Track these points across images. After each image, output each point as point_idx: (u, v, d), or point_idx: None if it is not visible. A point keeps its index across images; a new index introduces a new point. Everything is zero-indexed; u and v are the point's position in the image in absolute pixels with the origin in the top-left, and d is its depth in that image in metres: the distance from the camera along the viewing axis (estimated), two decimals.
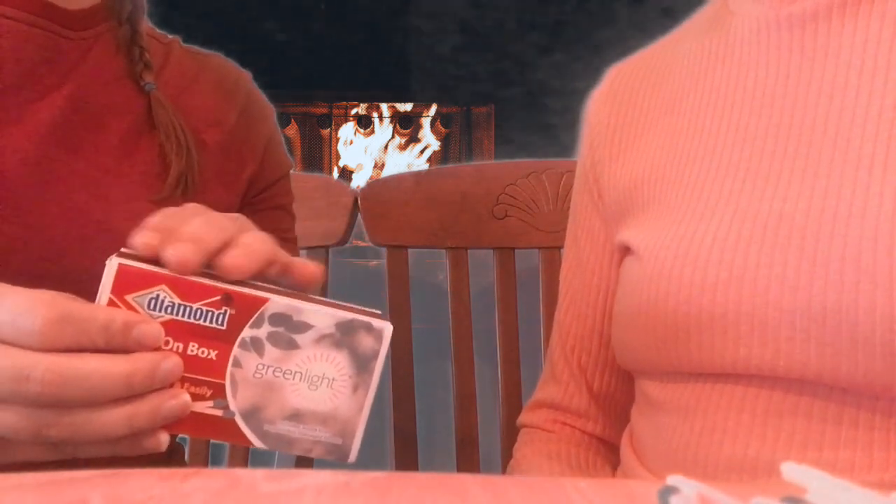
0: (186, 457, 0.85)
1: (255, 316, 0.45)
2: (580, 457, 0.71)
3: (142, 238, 0.44)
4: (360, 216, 0.98)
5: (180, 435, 0.46)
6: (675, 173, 0.62)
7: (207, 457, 0.96)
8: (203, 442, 0.95)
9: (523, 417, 0.77)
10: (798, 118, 0.56)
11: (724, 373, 0.55)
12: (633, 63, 0.73)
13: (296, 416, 0.46)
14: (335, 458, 0.48)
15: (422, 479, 0.39)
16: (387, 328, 0.46)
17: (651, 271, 0.58)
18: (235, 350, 0.45)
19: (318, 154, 4.52)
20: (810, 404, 0.52)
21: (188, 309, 0.44)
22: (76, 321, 0.41)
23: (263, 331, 0.45)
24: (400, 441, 0.95)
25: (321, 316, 0.45)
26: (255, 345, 0.45)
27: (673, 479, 0.35)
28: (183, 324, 0.44)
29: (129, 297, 0.44)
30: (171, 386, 0.44)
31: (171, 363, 0.44)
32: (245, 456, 0.98)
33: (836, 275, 0.50)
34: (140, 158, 0.67)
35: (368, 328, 0.46)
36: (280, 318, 0.45)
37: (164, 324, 0.44)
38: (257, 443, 0.47)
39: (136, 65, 0.69)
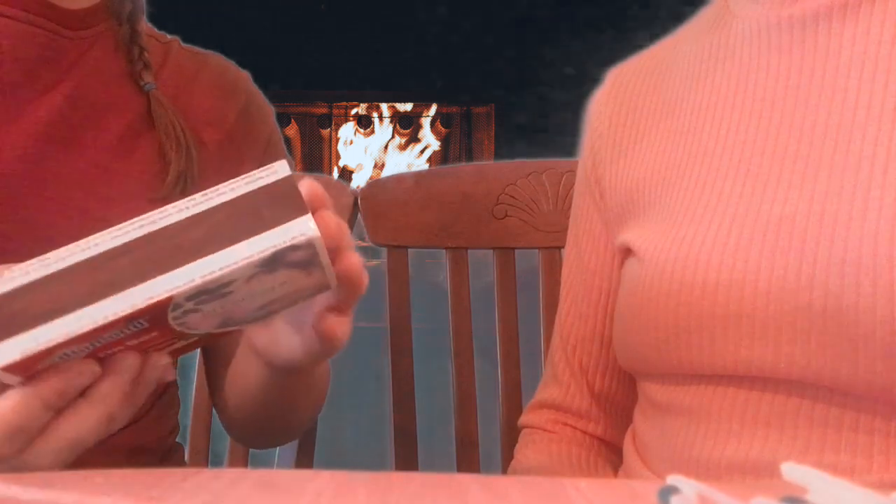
0: (186, 457, 0.85)
1: (170, 309, 0.40)
2: (581, 457, 0.71)
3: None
4: (360, 216, 0.98)
5: (181, 356, 0.46)
6: (675, 175, 0.62)
7: (207, 457, 0.96)
8: (203, 442, 0.95)
9: (524, 418, 0.77)
10: (798, 120, 0.56)
11: (726, 374, 0.55)
12: (634, 64, 0.73)
13: (265, 307, 0.45)
14: (320, 292, 0.46)
15: (422, 479, 0.39)
16: (314, 239, 0.39)
17: (652, 273, 0.58)
18: (173, 324, 0.41)
19: (318, 154, 4.52)
20: (811, 408, 0.52)
21: (100, 344, 0.40)
22: (19, 427, 0.41)
23: (189, 305, 0.40)
24: (400, 441, 0.95)
25: (240, 270, 0.39)
26: (190, 314, 0.41)
27: (673, 479, 0.35)
28: (108, 344, 0.41)
29: (40, 367, 0.40)
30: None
31: (127, 363, 0.43)
32: (245, 456, 0.97)
33: (836, 277, 0.50)
34: (138, 157, 0.67)
35: (294, 249, 0.39)
36: (197, 294, 0.39)
37: (92, 354, 0.41)
38: (246, 328, 0.46)
39: (136, 64, 0.69)
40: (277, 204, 0.39)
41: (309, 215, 0.39)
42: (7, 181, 0.60)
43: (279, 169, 0.39)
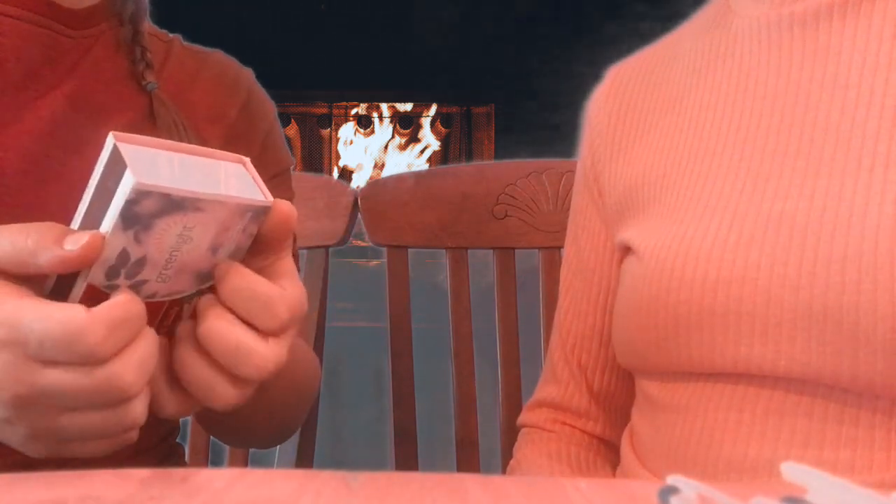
0: (186, 457, 0.85)
1: (104, 289, 0.44)
2: (580, 456, 0.71)
3: None
4: (360, 216, 0.98)
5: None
6: (675, 172, 0.62)
7: (207, 457, 0.96)
8: (203, 442, 0.95)
9: (523, 417, 0.77)
10: (799, 117, 0.56)
11: (725, 372, 0.55)
12: (633, 62, 0.73)
13: (215, 246, 0.45)
14: (261, 212, 0.47)
15: (422, 479, 0.39)
16: (133, 187, 0.41)
17: (652, 270, 0.58)
18: (142, 299, 0.45)
19: (318, 154, 4.52)
20: (811, 403, 0.52)
21: None
22: (125, 320, 0.42)
23: (120, 281, 0.44)
24: (400, 441, 0.95)
25: (116, 238, 0.43)
26: (142, 285, 0.45)
27: (673, 480, 0.35)
28: None
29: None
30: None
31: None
32: (245, 456, 0.98)
33: (837, 274, 0.50)
34: None
35: (134, 203, 0.42)
36: (113, 271, 0.43)
37: None
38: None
39: (138, 64, 0.69)
40: (113, 173, 0.43)
41: (127, 171, 0.42)
42: (9, 181, 0.60)
43: (108, 142, 0.43)
